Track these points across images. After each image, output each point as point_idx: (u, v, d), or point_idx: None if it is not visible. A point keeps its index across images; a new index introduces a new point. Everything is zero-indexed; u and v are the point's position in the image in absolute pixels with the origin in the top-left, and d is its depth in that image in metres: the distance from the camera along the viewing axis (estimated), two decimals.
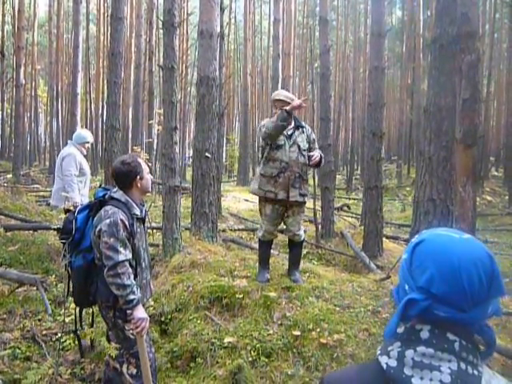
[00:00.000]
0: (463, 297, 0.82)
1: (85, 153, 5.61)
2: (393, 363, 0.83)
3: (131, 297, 2.46)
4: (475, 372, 0.81)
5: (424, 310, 0.84)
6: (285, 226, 4.31)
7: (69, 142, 5.68)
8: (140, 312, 2.50)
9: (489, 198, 15.90)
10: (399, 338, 0.87)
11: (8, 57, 24.38)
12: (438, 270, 0.84)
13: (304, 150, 4.08)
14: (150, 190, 2.89)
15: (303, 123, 4.28)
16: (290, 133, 4.11)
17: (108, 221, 2.50)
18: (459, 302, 0.82)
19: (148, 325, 2.58)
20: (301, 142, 4.09)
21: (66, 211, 5.10)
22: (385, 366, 0.84)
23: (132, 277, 2.51)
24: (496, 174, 23.41)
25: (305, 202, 4.19)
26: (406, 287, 0.89)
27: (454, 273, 0.83)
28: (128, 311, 2.51)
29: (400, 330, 0.87)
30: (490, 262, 0.84)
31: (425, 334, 0.84)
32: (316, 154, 4.03)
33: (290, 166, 4.02)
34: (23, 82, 16.08)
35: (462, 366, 0.80)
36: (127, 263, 2.49)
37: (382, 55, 7.62)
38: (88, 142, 5.63)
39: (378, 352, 0.88)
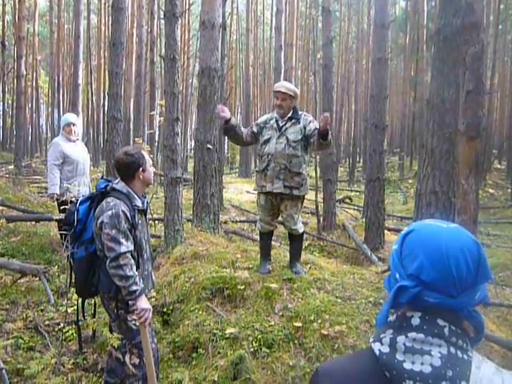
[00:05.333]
0: (452, 283, 0.85)
1: (73, 138, 5.33)
2: (385, 349, 0.86)
3: (134, 288, 2.47)
4: (465, 356, 0.83)
5: (414, 296, 0.87)
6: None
7: (60, 130, 5.52)
8: (143, 302, 2.51)
9: (491, 190, 15.87)
10: (391, 325, 0.89)
11: (9, 47, 24.28)
12: (427, 258, 0.87)
13: (294, 142, 4.00)
14: (152, 182, 2.89)
15: (303, 114, 4.17)
16: (281, 124, 4.08)
17: (110, 212, 2.50)
18: (448, 287, 0.85)
19: (151, 315, 2.59)
20: (291, 134, 4.01)
21: (60, 204, 5.07)
22: (377, 353, 0.86)
23: (134, 268, 2.51)
24: (499, 166, 23.34)
25: (296, 196, 4.07)
26: (397, 276, 0.92)
27: (442, 260, 0.86)
28: (131, 302, 2.52)
29: (392, 317, 0.90)
30: (476, 249, 0.87)
31: (416, 321, 0.86)
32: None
33: (274, 157, 4.00)
34: (24, 72, 15.99)
35: (452, 350, 0.83)
36: (129, 254, 2.50)
37: (385, 46, 7.57)
38: (71, 124, 5.34)
39: (371, 339, 0.91)
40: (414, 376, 0.81)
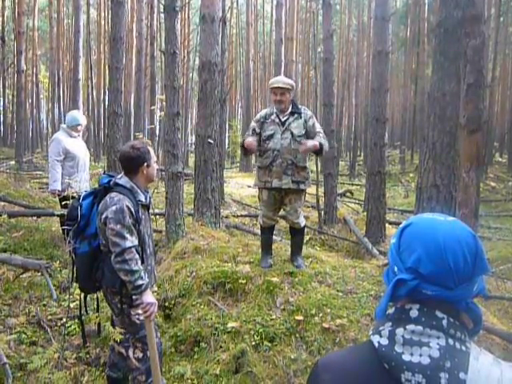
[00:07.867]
0: (449, 275, 0.85)
1: (76, 135, 5.37)
2: (384, 342, 0.86)
3: (139, 282, 2.47)
4: (463, 348, 0.84)
5: (413, 289, 0.87)
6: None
7: (61, 125, 5.53)
8: (148, 297, 2.52)
9: (492, 183, 15.86)
10: (390, 318, 0.90)
11: (8, 42, 24.20)
12: (425, 251, 0.88)
13: (299, 137, 4.00)
14: (155, 179, 2.89)
15: (302, 108, 4.19)
16: (283, 119, 4.07)
17: (114, 208, 2.50)
18: (446, 280, 0.86)
19: (156, 309, 2.60)
20: (295, 129, 4.02)
21: (62, 199, 5.07)
22: (377, 345, 0.87)
23: (139, 262, 2.51)
24: (500, 159, 23.31)
25: (301, 190, 4.12)
26: (396, 269, 0.92)
27: (439, 252, 0.86)
28: (136, 296, 2.53)
29: (391, 310, 0.91)
30: (473, 242, 0.88)
31: (414, 313, 0.87)
32: (306, 141, 3.89)
33: (281, 153, 4.00)
34: (24, 67, 15.94)
35: (450, 341, 0.84)
36: (134, 249, 2.50)
37: (386, 39, 7.53)
38: (80, 125, 5.40)
39: (370, 332, 0.92)
40: (413, 367, 0.82)
